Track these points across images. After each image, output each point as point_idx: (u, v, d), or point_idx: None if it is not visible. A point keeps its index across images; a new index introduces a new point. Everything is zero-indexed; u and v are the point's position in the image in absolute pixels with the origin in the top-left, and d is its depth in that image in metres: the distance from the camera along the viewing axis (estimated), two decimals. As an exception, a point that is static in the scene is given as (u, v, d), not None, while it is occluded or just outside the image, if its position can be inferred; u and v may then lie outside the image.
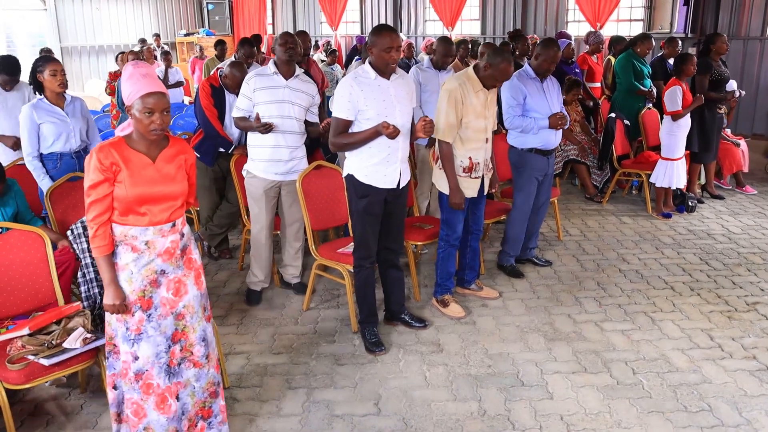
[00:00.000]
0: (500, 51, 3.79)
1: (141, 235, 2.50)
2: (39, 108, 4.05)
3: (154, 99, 2.42)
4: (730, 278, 4.68)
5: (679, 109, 5.67)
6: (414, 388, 3.31)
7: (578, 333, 3.89)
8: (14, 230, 3.10)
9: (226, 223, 4.98)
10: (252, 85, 3.99)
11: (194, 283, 2.67)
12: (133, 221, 2.49)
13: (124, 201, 2.45)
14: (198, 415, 2.73)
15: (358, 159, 3.49)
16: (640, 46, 6.76)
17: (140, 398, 2.56)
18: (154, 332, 2.54)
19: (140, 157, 2.49)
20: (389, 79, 3.43)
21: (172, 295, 2.59)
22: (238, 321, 4.09)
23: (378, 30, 3.36)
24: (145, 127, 2.43)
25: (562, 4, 11.32)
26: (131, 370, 2.54)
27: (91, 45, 15.58)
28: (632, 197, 6.79)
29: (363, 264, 3.67)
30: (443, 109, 3.77)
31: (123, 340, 2.54)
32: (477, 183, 3.98)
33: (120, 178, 2.44)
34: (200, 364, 2.69)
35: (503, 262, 4.77)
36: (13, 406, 2.82)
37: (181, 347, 2.63)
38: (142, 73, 2.46)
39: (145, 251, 2.52)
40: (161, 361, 2.56)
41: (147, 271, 2.53)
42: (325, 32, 15.55)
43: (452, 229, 4.02)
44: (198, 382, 2.69)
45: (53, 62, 4.08)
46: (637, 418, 3.05)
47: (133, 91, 2.42)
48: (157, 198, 2.50)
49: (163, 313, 2.57)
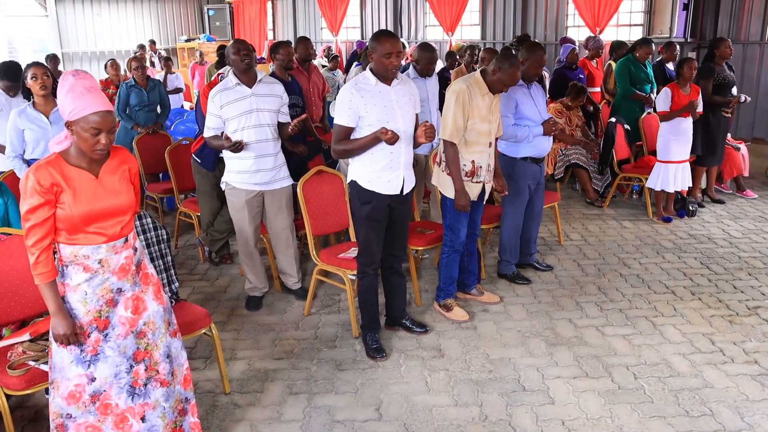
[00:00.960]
0: (508, 55, 3.79)
1: (93, 254, 2.36)
2: (23, 114, 4.14)
3: (101, 118, 2.25)
4: (731, 282, 4.68)
5: (665, 110, 5.69)
6: (415, 394, 3.31)
7: (579, 338, 3.88)
8: (15, 236, 3.10)
9: (227, 229, 4.98)
10: (218, 102, 3.91)
11: (154, 298, 2.55)
12: (84, 240, 2.35)
13: (69, 222, 2.30)
14: None
15: (361, 165, 3.49)
16: (640, 51, 6.78)
17: (96, 420, 2.43)
18: (112, 352, 2.42)
19: (82, 173, 2.33)
20: (390, 85, 3.43)
21: (131, 313, 2.47)
22: (239, 326, 4.09)
23: (378, 36, 3.37)
24: (90, 147, 2.28)
25: (562, 9, 11.35)
26: (86, 392, 2.40)
27: (92, 51, 15.65)
28: (633, 202, 6.79)
29: (367, 270, 3.66)
30: (451, 110, 3.76)
31: (77, 362, 2.39)
32: (479, 188, 3.98)
33: (62, 199, 2.28)
34: (167, 383, 2.58)
35: (505, 271, 4.75)
36: (13, 412, 2.82)
37: (146, 366, 2.51)
38: (86, 86, 2.28)
39: (99, 270, 2.38)
40: (121, 382, 2.45)
41: (102, 290, 2.40)
42: (326, 38, 15.60)
43: (456, 234, 4.02)
44: (167, 402, 2.58)
45: (34, 66, 4.14)
46: (638, 423, 3.04)
47: (77, 107, 2.24)
48: (106, 214, 2.36)
49: (122, 333, 2.45)
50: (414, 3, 13.79)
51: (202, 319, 3.22)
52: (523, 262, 4.89)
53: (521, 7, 11.82)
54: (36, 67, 4.12)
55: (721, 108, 6.27)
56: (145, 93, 6.43)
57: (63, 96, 2.28)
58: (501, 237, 4.73)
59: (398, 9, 14.11)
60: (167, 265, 3.42)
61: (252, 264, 4.29)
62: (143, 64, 6.54)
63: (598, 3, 10.14)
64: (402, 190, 3.54)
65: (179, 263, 5.18)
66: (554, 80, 7.34)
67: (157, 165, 5.94)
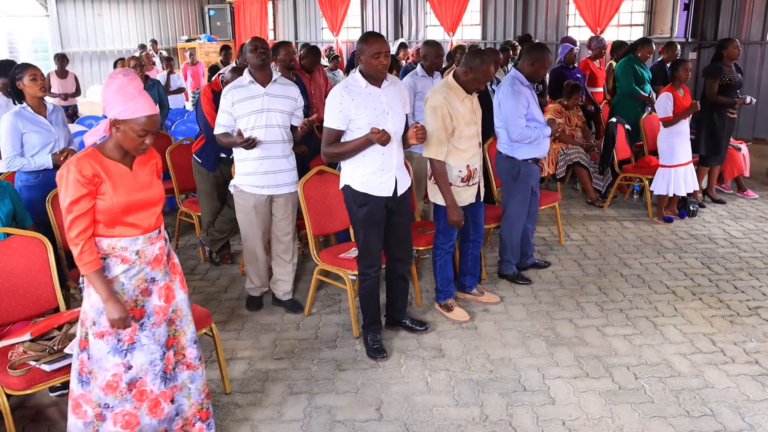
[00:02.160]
0: (477, 52, 3.77)
1: (131, 245, 2.46)
2: (23, 117, 3.93)
3: (151, 121, 2.37)
4: (731, 282, 4.68)
5: (669, 115, 5.68)
6: (416, 394, 3.31)
7: (580, 338, 3.88)
8: (16, 236, 3.10)
9: (227, 229, 4.98)
10: (230, 99, 3.84)
11: (180, 286, 2.68)
12: (122, 232, 2.44)
13: (109, 213, 2.39)
14: (195, 416, 2.73)
15: (353, 168, 3.47)
16: (641, 51, 6.78)
17: (133, 407, 2.52)
18: (147, 341, 2.52)
19: (118, 166, 2.44)
20: (380, 87, 3.41)
21: (164, 302, 2.57)
22: (240, 326, 4.09)
23: (365, 37, 3.36)
24: (134, 145, 2.40)
25: (563, 9, 11.35)
26: (123, 381, 2.48)
27: (93, 51, 15.66)
28: (633, 202, 6.79)
29: (368, 273, 3.64)
30: (432, 128, 3.70)
31: (114, 352, 2.47)
32: (474, 190, 3.99)
33: (103, 190, 2.38)
34: (193, 366, 2.69)
35: (505, 271, 4.74)
36: (14, 412, 2.82)
37: (175, 351, 2.64)
38: (137, 88, 2.38)
39: (136, 261, 2.48)
40: (156, 369, 2.54)
41: (138, 280, 2.49)
42: (327, 38, 15.60)
43: (449, 238, 4.02)
44: (193, 384, 2.70)
45: (32, 67, 3.98)
46: (639, 423, 3.04)
47: (129, 107, 2.34)
48: (142, 205, 2.47)
49: (157, 321, 2.54)
50: (415, 3, 13.80)
51: (202, 319, 3.22)
52: (525, 265, 4.87)
53: (522, 7, 11.82)
54: (34, 68, 3.97)
55: (727, 109, 6.25)
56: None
57: (112, 94, 2.37)
58: (502, 237, 4.72)
59: (399, 9, 14.11)
60: (168, 265, 3.42)
61: (257, 266, 4.21)
62: (141, 64, 6.55)
63: (599, 3, 10.14)
64: (396, 191, 3.53)
65: (180, 263, 5.17)
66: (552, 80, 7.35)
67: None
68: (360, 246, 3.62)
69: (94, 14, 15.65)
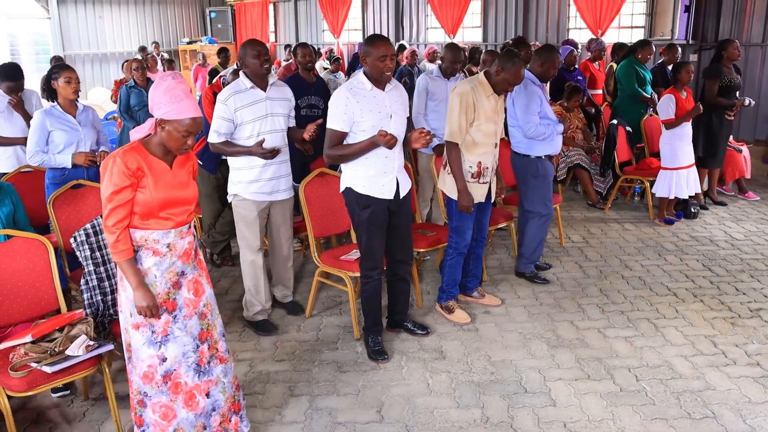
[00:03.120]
0: (511, 55, 3.81)
1: (163, 239, 2.55)
2: (51, 115, 4.06)
3: (197, 124, 2.48)
4: (733, 284, 4.67)
5: (671, 117, 5.68)
6: (417, 396, 3.31)
7: (581, 340, 3.88)
8: (17, 237, 3.11)
9: (228, 231, 4.98)
10: (231, 106, 3.69)
11: (207, 282, 2.75)
12: (155, 225, 2.52)
13: (147, 206, 2.48)
14: (230, 410, 2.79)
15: (354, 171, 3.46)
16: (641, 53, 6.78)
17: (169, 399, 2.60)
18: (180, 333, 2.59)
19: (159, 163, 2.53)
20: (384, 90, 3.41)
21: (193, 295, 2.65)
22: (241, 328, 4.09)
23: (371, 40, 3.37)
24: (177, 145, 2.50)
25: (564, 11, 11.35)
26: (158, 373, 2.57)
27: (94, 53, 15.67)
28: (634, 204, 6.78)
29: (371, 275, 3.64)
30: (455, 113, 3.77)
31: (149, 344, 2.55)
32: (485, 188, 3.99)
33: (144, 184, 2.47)
34: (225, 359, 2.77)
35: (523, 269, 4.76)
36: (15, 414, 2.82)
37: (209, 345, 2.70)
38: (185, 91, 2.48)
39: (167, 254, 2.57)
40: (189, 361, 2.61)
41: (169, 273, 2.57)
42: (328, 40, 15.61)
43: (461, 237, 4.02)
44: (226, 378, 2.77)
45: (68, 70, 4.09)
46: (640, 426, 3.04)
47: (175, 108, 2.44)
48: (177, 202, 2.56)
49: (188, 314, 2.62)
50: (416, 5, 13.80)
51: (203, 320, 3.22)
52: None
53: (523, 9, 11.82)
54: (70, 71, 4.06)
55: (725, 110, 6.24)
56: (145, 93, 6.45)
57: (160, 94, 2.46)
58: (525, 236, 4.72)
59: (400, 11, 14.11)
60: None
61: (259, 285, 4.03)
62: (143, 66, 6.57)
63: (600, 5, 10.14)
64: (397, 194, 3.53)
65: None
66: (552, 82, 7.35)
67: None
68: (362, 249, 3.62)
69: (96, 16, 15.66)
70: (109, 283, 3.28)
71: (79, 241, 3.26)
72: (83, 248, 3.26)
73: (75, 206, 3.86)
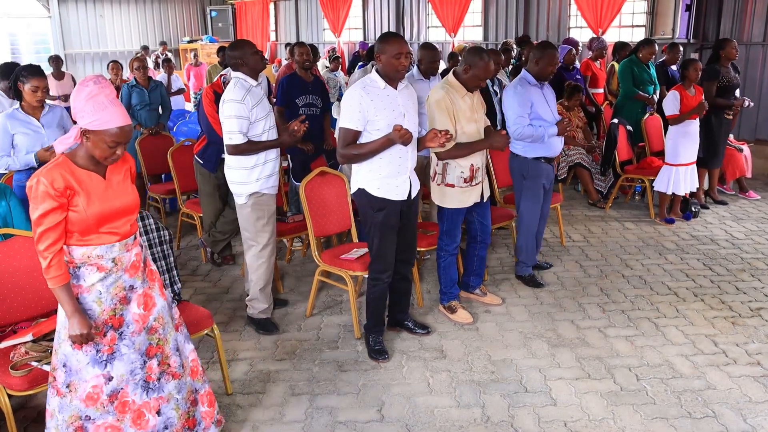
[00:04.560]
0: (476, 50, 3.79)
1: (107, 253, 2.39)
2: (13, 118, 3.99)
3: (123, 132, 2.29)
4: (733, 284, 4.67)
5: (675, 113, 5.69)
6: (417, 395, 3.31)
7: (582, 339, 3.88)
8: (18, 236, 3.11)
9: (229, 230, 4.98)
10: (249, 103, 3.70)
11: (159, 294, 2.60)
12: (97, 241, 2.37)
13: (83, 224, 2.32)
14: (184, 426, 2.65)
15: (368, 171, 3.44)
16: (643, 52, 6.77)
17: (116, 419, 2.46)
18: (127, 350, 2.46)
19: (91, 176, 2.35)
20: (397, 88, 3.41)
21: (143, 309, 2.51)
22: (241, 327, 4.09)
23: (386, 37, 3.35)
24: (104, 156, 2.32)
25: (564, 10, 11.34)
26: (104, 393, 2.43)
27: (95, 52, 15.68)
28: (635, 203, 6.78)
29: (380, 278, 3.62)
30: (437, 120, 3.72)
31: (93, 363, 2.41)
32: (478, 190, 3.99)
33: (75, 202, 2.29)
34: (178, 375, 2.63)
35: (522, 272, 4.74)
36: (16, 412, 2.82)
37: (158, 361, 2.56)
38: (110, 98, 2.29)
39: (113, 269, 2.42)
40: (136, 378, 2.49)
41: (116, 288, 2.43)
42: (328, 39, 15.61)
43: (453, 239, 4.02)
44: (179, 394, 2.63)
45: (38, 77, 3.98)
46: (641, 425, 3.04)
47: (99, 118, 2.25)
48: (117, 213, 2.40)
49: (136, 330, 2.49)
50: (416, 4, 13.80)
51: (204, 320, 3.22)
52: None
53: (524, 8, 11.81)
54: (40, 79, 3.97)
55: (724, 110, 6.25)
56: (147, 93, 6.44)
57: (82, 102, 2.27)
58: (517, 238, 4.73)
59: (401, 10, 14.11)
60: (170, 266, 3.43)
61: (270, 279, 4.04)
62: (145, 65, 6.56)
63: (601, 4, 10.13)
64: (409, 194, 3.53)
65: (181, 264, 5.19)
66: (551, 81, 7.34)
67: (159, 166, 5.95)
68: (374, 251, 3.58)
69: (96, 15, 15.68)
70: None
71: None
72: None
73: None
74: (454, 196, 3.90)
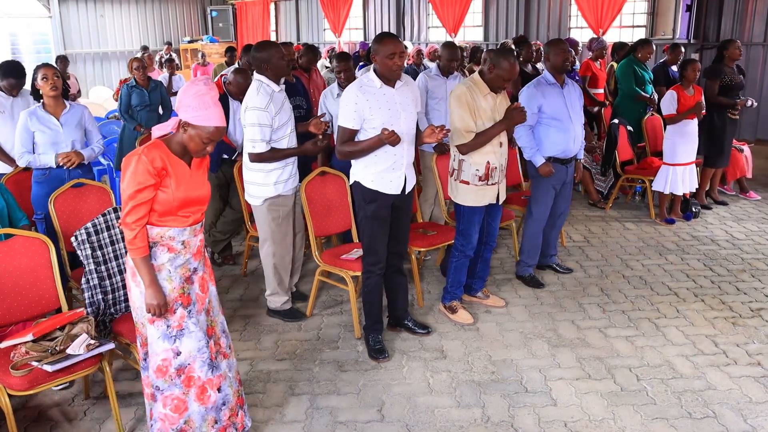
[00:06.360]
0: (503, 51, 3.79)
1: (179, 236, 2.58)
2: (34, 115, 4.05)
3: (218, 132, 2.53)
4: (734, 284, 4.67)
5: (672, 113, 5.69)
6: (417, 395, 3.31)
7: (582, 339, 3.88)
8: (18, 236, 3.11)
9: (229, 230, 4.99)
10: (272, 111, 3.70)
11: (211, 279, 2.81)
12: (172, 223, 2.56)
13: (168, 205, 2.52)
14: (237, 404, 2.83)
15: (364, 166, 3.50)
16: (641, 52, 6.77)
17: (182, 393, 2.63)
18: (195, 328, 2.63)
19: (180, 162, 2.57)
20: (394, 87, 3.43)
21: (201, 292, 2.70)
22: (242, 327, 4.09)
23: (380, 37, 3.38)
24: (197, 149, 2.54)
25: (565, 10, 11.35)
26: (172, 366, 2.60)
27: (95, 52, 15.68)
28: (635, 203, 6.78)
29: (373, 270, 3.66)
30: (457, 114, 3.76)
31: (164, 338, 2.59)
32: (494, 190, 3.95)
33: (167, 183, 2.50)
34: (227, 355, 2.82)
35: (522, 272, 4.74)
36: (16, 412, 2.82)
37: (214, 341, 2.75)
38: (214, 99, 2.51)
39: (182, 251, 2.61)
40: (204, 356, 2.65)
41: (182, 269, 2.62)
42: (329, 39, 15.61)
43: (468, 240, 4.00)
44: (231, 372, 2.81)
45: (45, 67, 4.07)
46: (641, 425, 3.04)
47: (202, 115, 2.47)
48: (195, 201, 2.61)
49: (199, 309, 2.67)
50: (417, 4, 13.80)
51: (204, 319, 3.22)
52: (543, 264, 4.88)
53: (524, 8, 11.82)
54: (46, 68, 4.06)
55: (726, 109, 6.24)
56: (147, 93, 6.45)
57: (190, 97, 2.49)
58: (522, 238, 4.72)
59: (401, 10, 14.12)
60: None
61: (287, 274, 4.12)
62: (144, 65, 6.56)
63: (601, 4, 10.13)
64: (404, 189, 3.55)
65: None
66: None
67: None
68: (365, 243, 3.64)
69: (97, 15, 15.67)
70: (110, 281, 3.29)
71: (80, 240, 3.27)
72: (84, 247, 3.26)
73: (75, 205, 3.87)
74: (468, 192, 3.89)
